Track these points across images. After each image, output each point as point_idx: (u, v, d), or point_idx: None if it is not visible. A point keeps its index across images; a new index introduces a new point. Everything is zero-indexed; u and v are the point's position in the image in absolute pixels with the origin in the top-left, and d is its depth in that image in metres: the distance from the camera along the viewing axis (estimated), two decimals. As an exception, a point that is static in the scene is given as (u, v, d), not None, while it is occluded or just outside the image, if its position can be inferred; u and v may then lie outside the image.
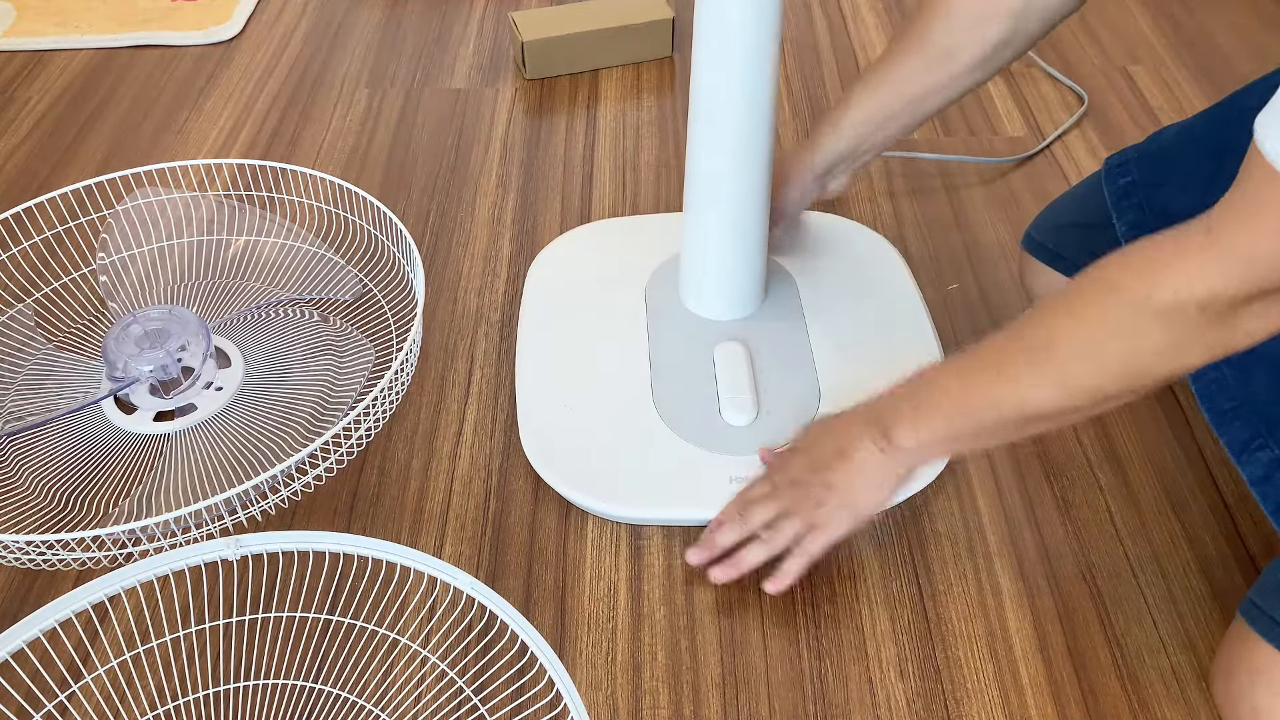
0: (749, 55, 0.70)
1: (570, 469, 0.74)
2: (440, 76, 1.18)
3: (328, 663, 0.65)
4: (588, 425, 0.77)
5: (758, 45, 0.70)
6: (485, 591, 0.60)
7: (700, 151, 0.76)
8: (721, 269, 0.82)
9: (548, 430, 0.77)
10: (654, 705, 0.64)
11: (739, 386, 0.78)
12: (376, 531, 0.74)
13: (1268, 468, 0.60)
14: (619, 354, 0.82)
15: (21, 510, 0.73)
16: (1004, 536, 0.73)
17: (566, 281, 0.89)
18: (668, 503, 0.73)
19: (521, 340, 0.84)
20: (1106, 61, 1.18)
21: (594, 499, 0.73)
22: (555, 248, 0.93)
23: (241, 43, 1.25)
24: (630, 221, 0.97)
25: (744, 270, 0.82)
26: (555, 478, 0.74)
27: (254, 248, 0.91)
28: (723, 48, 0.71)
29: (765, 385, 0.78)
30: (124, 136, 1.10)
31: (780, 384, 0.79)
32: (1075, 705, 0.64)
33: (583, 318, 0.85)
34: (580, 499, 0.73)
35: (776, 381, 0.79)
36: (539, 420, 0.78)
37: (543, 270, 0.90)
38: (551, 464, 0.75)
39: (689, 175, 0.78)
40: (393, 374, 0.71)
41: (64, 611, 0.60)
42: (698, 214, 0.80)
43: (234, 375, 0.81)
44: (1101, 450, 0.78)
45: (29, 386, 0.82)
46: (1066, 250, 0.80)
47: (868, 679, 0.65)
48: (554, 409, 0.78)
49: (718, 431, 0.76)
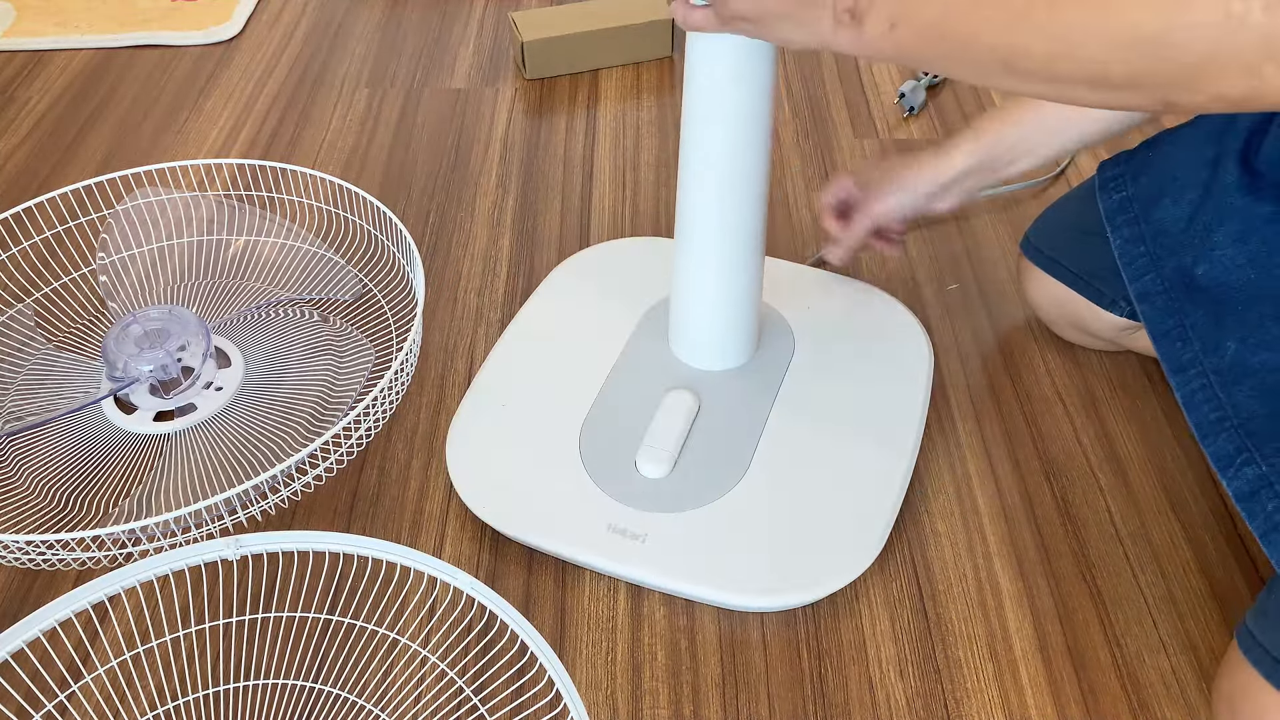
0: (741, 113, 0.65)
1: (473, 464, 0.73)
2: (440, 76, 1.18)
3: (328, 663, 0.65)
4: (511, 426, 0.76)
5: (752, 105, 0.65)
6: (485, 591, 0.60)
7: (689, 198, 0.71)
8: (700, 316, 0.77)
9: (476, 422, 0.76)
10: (654, 705, 0.64)
11: (664, 438, 0.73)
12: (376, 531, 0.74)
13: (1254, 484, 0.58)
14: (579, 371, 0.79)
15: (21, 510, 0.73)
16: (1004, 536, 0.73)
17: (579, 290, 0.87)
18: (539, 529, 0.70)
19: (505, 334, 0.83)
20: (1106, 61, 1.18)
21: (473, 497, 0.72)
22: (590, 254, 0.91)
23: (241, 43, 1.25)
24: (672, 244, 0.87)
25: (723, 321, 0.77)
26: (458, 469, 0.73)
27: (254, 248, 0.91)
28: (714, 105, 0.65)
29: (695, 445, 0.73)
30: (124, 136, 1.10)
31: (710, 448, 0.73)
32: (1075, 705, 0.64)
33: (570, 329, 0.83)
34: (464, 492, 0.72)
35: (708, 444, 0.74)
36: (472, 408, 0.77)
37: (566, 273, 0.89)
38: (460, 454, 0.74)
39: (678, 211, 0.73)
40: (393, 374, 0.71)
41: (64, 611, 0.60)
42: (682, 256, 0.75)
43: (234, 375, 0.81)
44: (1101, 450, 0.78)
45: (29, 386, 0.82)
46: (1065, 257, 0.80)
47: (868, 679, 0.65)
48: (492, 404, 0.77)
49: (624, 476, 0.72)
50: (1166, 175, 0.69)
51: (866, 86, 1.15)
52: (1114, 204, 0.72)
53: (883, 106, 1.12)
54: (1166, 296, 0.67)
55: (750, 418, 0.76)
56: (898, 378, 0.79)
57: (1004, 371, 0.84)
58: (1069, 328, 0.84)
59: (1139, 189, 0.71)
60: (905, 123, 1.09)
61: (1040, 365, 0.84)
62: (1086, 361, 0.85)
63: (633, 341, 0.81)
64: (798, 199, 1.00)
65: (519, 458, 0.74)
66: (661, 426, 0.74)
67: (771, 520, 0.70)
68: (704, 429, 0.75)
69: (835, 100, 1.13)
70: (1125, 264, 0.70)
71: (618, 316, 0.83)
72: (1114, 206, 0.72)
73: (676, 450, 0.73)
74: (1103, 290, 0.77)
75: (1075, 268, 0.79)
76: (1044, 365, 0.84)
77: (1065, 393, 0.82)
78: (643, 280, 0.86)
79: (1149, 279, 0.68)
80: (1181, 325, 0.66)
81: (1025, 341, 0.86)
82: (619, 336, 0.82)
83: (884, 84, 1.16)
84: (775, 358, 0.80)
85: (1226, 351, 0.63)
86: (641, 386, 0.78)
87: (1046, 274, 0.81)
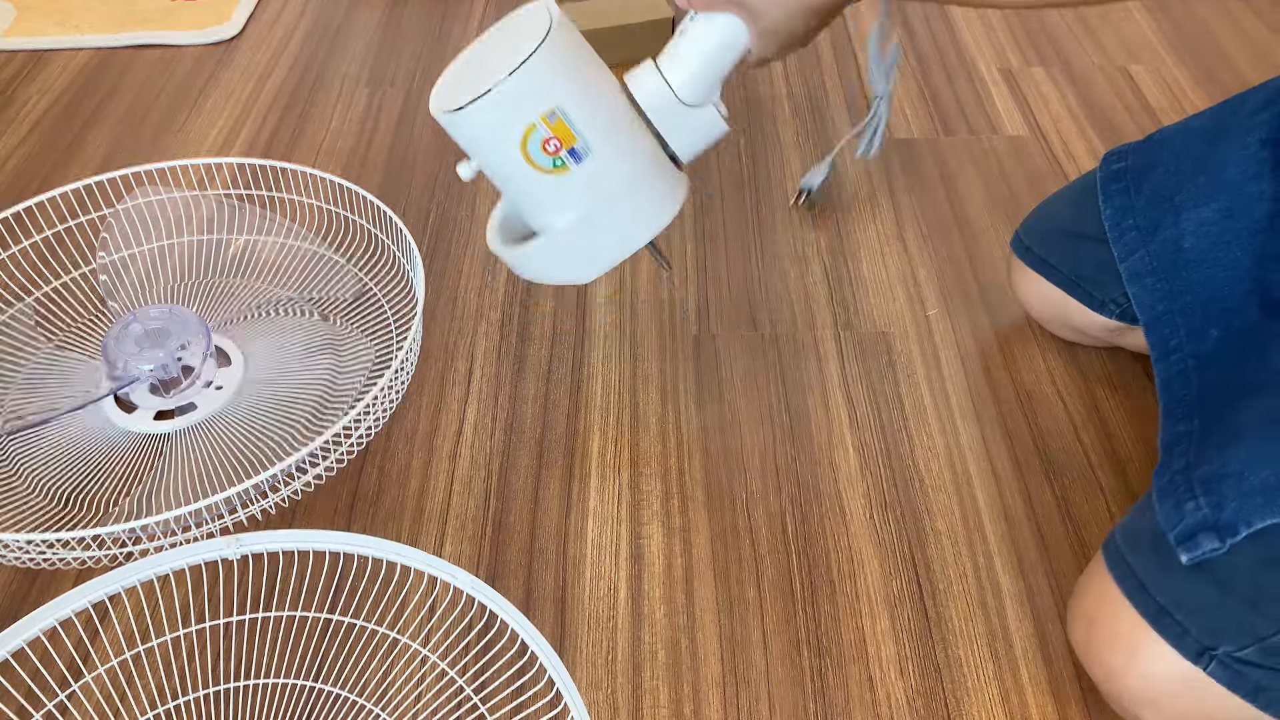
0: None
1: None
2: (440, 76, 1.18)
3: (328, 662, 0.65)
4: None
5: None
6: (485, 591, 0.60)
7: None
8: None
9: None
10: (654, 705, 0.64)
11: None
12: (376, 531, 0.74)
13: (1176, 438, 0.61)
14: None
15: (21, 510, 0.73)
16: (1004, 536, 0.73)
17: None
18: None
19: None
20: (1107, 61, 1.18)
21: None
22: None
23: (241, 43, 1.25)
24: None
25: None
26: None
27: (254, 247, 0.91)
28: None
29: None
30: (124, 136, 1.10)
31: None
32: (1075, 705, 0.64)
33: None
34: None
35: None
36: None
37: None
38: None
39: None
40: (392, 374, 0.71)
41: (64, 611, 0.60)
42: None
43: (234, 375, 0.81)
44: (1102, 450, 0.78)
45: (29, 386, 0.82)
46: (1055, 258, 0.80)
47: (868, 678, 0.65)
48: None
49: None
50: (1165, 150, 0.71)
51: (867, 86, 1.16)
52: (1110, 174, 0.73)
53: (883, 106, 1.12)
54: (1156, 278, 0.68)
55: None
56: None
57: (1004, 371, 0.84)
58: (1060, 325, 0.84)
59: (1137, 160, 0.73)
60: (795, 209, 0.99)
61: (1040, 364, 0.84)
62: (1087, 361, 0.85)
63: None
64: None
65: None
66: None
67: None
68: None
69: (835, 100, 1.13)
70: (1115, 239, 0.71)
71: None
72: (1110, 176, 0.73)
73: None
74: (1093, 293, 0.78)
75: (1066, 269, 0.79)
76: (1044, 364, 0.84)
77: (1065, 392, 0.82)
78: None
79: (1139, 256, 0.69)
80: (1170, 310, 0.67)
81: (1025, 341, 0.86)
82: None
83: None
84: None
85: (1209, 338, 0.64)
86: None
87: (1037, 273, 0.81)
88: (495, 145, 0.63)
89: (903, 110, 1.12)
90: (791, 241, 0.96)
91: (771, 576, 0.70)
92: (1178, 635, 0.56)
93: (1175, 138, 0.72)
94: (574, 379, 0.84)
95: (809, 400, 0.82)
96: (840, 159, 1.04)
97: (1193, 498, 0.56)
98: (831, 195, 1.01)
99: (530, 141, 0.62)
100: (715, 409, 0.81)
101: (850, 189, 1.01)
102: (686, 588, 0.70)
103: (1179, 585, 0.56)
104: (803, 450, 0.78)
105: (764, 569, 0.71)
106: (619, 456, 0.78)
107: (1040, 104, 1.12)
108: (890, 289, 0.91)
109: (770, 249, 0.95)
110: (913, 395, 0.82)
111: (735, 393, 0.82)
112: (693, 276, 0.92)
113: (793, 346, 0.86)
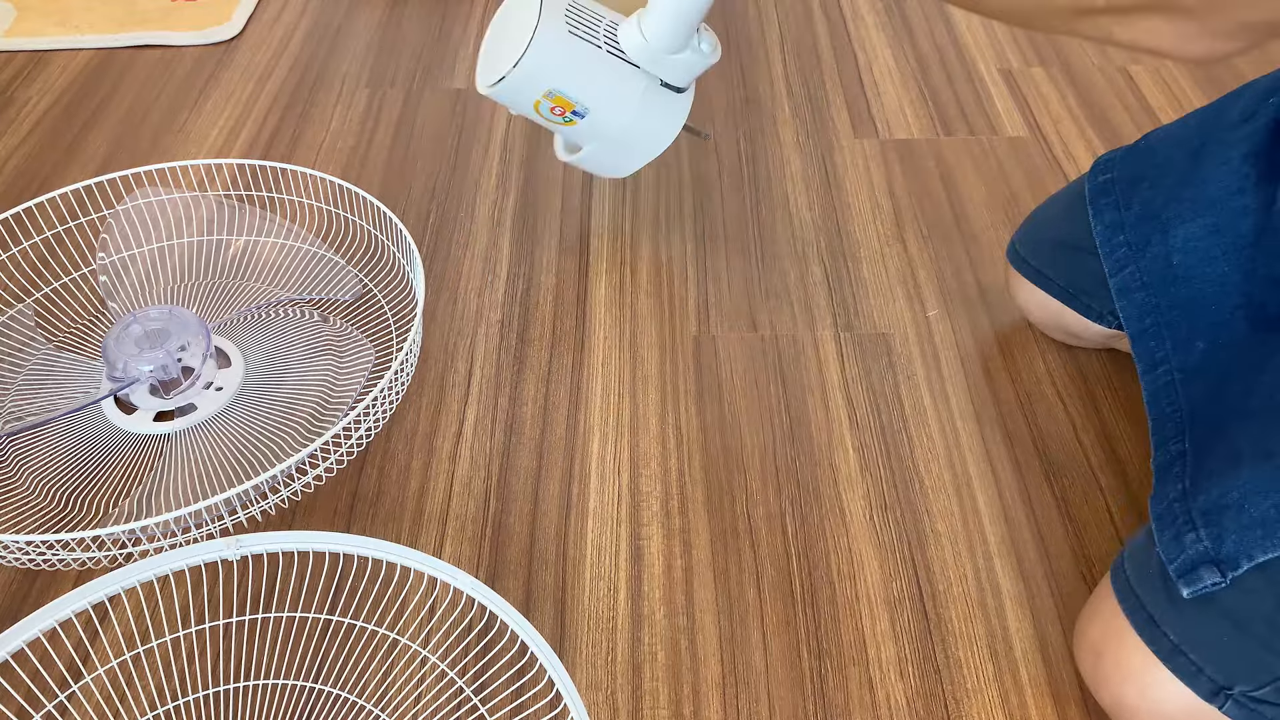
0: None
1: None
2: (440, 76, 1.18)
3: (328, 663, 0.65)
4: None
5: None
6: (485, 591, 0.60)
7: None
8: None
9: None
10: (654, 705, 0.64)
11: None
12: (376, 532, 0.74)
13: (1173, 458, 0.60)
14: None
15: (21, 510, 0.73)
16: (1004, 536, 0.73)
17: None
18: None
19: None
20: (1106, 62, 1.18)
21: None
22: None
23: (241, 43, 1.25)
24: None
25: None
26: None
27: (254, 248, 0.91)
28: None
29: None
30: (124, 136, 1.10)
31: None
32: (1075, 705, 0.64)
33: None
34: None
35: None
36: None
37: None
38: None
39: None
40: (392, 374, 0.71)
41: (64, 611, 0.60)
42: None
43: (234, 375, 0.81)
44: (1102, 451, 0.78)
45: (29, 386, 0.82)
46: (1051, 271, 0.80)
47: (868, 679, 0.65)
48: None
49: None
50: (1151, 161, 0.70)
51: (866, 86, 1.16)
52: (1099, 187, 0.73)
53: (883, 106, 1.12)
54: (1146, 292, 0.68)
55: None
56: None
57: (1004, 372, 0.84)
58: (1058, 330, 0.84)
59: (1124, 171, 0.72)
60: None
61: (1040, 366, 0.84)
62: (1086, 362, 0.85)
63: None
64: (798, 200, 1.00)
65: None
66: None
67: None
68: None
69: (835, 100, 1.13)
70: (1106, 254, 0.71)
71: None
72: (1098, 189, 0.73)
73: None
74: (1091, 305, 0.77)
75: (1063, 282, 0.79)
76: (1044, 366, 0.84)
77: (1065, 393, 0.82)
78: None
79: (1129, 272, 0.69)
80: (1158, 324, 0.66)
81: (1025, 342, 0.86)
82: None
83: (884, 84, 1.16)
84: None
85: (1195, 350, 0.64)
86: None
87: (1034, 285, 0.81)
88: (519, 109, 0.82)
89: (903, 110, 1.12)
90: (791, 241, 0.96)
91: (771, 578, 0.70)
92: (1191, 674, 0.55)
93: (1161, 146, 0.71)
94: (574, 380, 0.84)
95: (809, 401, 0.82)
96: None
97: (1193, 529, 0.55)
98: (831, 195, 1.01)
99: (541, 108, 0.80)
100: (715, 409, 0.81)
101: (850, 189, 1.01)
102: (686, 589, 0.70)
103: (1190, 621, 0.55)
104: (802, 451, 0.78)
105: (764, 570, 0.71)
106: (618, 457, 0.78)
107: (1040, 104, 1.12)
108: (890, 290, 0.91)
109: (770, 249, 0.95)
110: (913, 396, 0.82)
111: (735, 393, 0.82)
112: (693, 276, 0.92)
113: (793, 347, 0.86)
